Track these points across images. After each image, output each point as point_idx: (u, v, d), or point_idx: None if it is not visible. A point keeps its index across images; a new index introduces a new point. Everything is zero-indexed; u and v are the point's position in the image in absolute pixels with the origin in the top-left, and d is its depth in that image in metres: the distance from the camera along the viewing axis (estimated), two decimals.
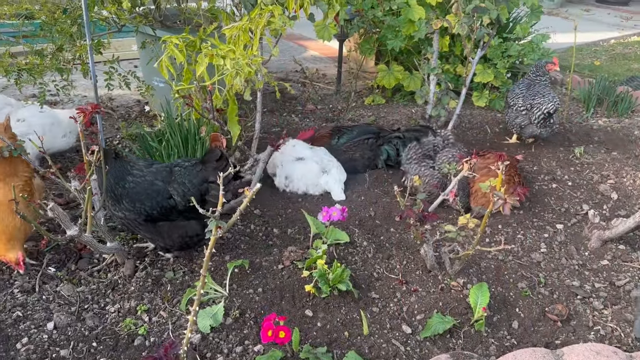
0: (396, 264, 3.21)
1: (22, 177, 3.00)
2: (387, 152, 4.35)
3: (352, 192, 3.98)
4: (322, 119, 5.37)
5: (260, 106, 3.87)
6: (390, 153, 4.33)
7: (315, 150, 4.10)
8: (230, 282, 2.96)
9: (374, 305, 2.89)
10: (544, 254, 3.40)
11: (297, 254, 3.20)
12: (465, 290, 3.01)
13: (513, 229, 3.64)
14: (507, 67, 5.54)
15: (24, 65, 3.46)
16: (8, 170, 2.94)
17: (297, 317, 2.76)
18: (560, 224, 3.73)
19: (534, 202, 3.96)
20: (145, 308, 2.80)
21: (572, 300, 3.04)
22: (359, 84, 6.31)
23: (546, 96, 4.52)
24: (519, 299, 3.01)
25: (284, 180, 3.95)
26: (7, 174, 2.93)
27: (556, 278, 3.21)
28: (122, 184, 2.88)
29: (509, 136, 4.99)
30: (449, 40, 5.40)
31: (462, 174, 2.85)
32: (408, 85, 5.63)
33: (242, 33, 3.55)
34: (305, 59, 7.46)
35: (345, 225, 3.49)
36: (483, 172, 3.74)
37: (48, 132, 3.79)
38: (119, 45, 6.32)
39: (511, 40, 5.68)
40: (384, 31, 5.28)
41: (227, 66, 3.18)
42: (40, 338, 2.58)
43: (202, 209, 2.09)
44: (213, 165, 2.99)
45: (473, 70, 4.52)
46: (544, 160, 4.59)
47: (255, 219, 3.62)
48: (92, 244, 2.68)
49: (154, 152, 3.70)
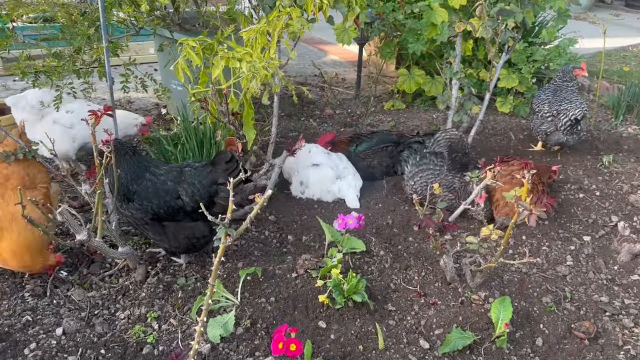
0: (414, 274, 3.10)
1: (41, 190, 2.96)
2: (406, 159, 4.23)
3: (369, 199, 3.88)
4: (341, 123, 5.28)
5: (277, 110, 3.79)
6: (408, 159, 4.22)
7: (331, 156, 4.01)
8: (242, 290, 2.88)
9: (390, 318, 2.78)
10: (570, 267, 3.25)
11: (312, 262, 3.10)
12: (487, 304, 2.88)
13: (538, 240, 3.49)
14: (533, 72, 5.38)
15: (41, 67, 3.44)
16: (28, 182, 2.90)
17: (310, 329, 2.67)
18: (588, 235, 3.57)
19: (560, 212, 3.80)
20: (156, 315, 2.73)
21: (600, 317, 2.88)
22: (379, 88, 6.21)
23: (573, 102, 4.36)
24: (543, 315, 2.87)
25: (300, 187, 3.87)
26: (27, 187, 2.90)
27: (583, 293, 3.05)
28: (139, 181, 2.84)
29: (533, 143, 4.83)
30: (472, 44, 5.26)
31: (485, 183, 2.73)
32: (429, 90, 5.51)
33: (260, 36, 3.48)
34: (325, 63, 7.39)
35: (362, 233, 3.39)
36: (506, 179, 3.61)
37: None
38: (139, 49, 6.34)
39: (537, 45, 5.52)
40: (405, 35, 5.18)
41: (243, 69, 3.12)
42: (48, 344, 2.54)
43: (210, 211, 2.01)
44: (223, 167, 2.93)
45: (497, 75, 4.38)
46: (571, 168, 4.42)
47: (269, 225, 3.54)
48: (102, 248, 2.63)
49: (170, 155, 3.66)
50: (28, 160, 2.90)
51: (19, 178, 2.85)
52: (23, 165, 2.90)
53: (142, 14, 3.93)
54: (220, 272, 3.07)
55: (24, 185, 2.88)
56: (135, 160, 2.87)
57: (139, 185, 2.85)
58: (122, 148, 2.84)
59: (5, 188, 2.83)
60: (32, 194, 2.90)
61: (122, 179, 2.83)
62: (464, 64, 5.51)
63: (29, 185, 2.91)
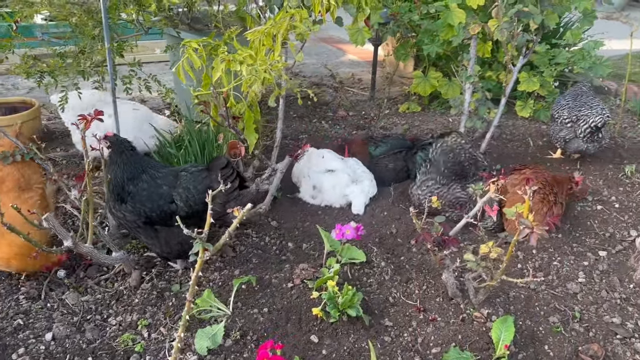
0: (415, 288, 2.98)
1: (37, 190, 2.95)
2: (420, 162, 4.11)
3: (374, 206, 3.76)
4: (353, 126, 5.17)
5: (282, 113, 3.72)
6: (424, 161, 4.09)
7: (347, 161, 3.90)
8: (236, 300, 2.81)
9: (386, 334, 2.67)
10: (581, 285, 3.09)
11: (309, 272, 3.02)
12: (489, 322, 2.74)
13: (549, 254, 3.32)
14: (555, 75, 5.17)
15: (46, 68, 3.44)
16: (23, 184, 2.90)
17: (302, 343, 2.58)
18: (604, 250, 3.39)
19: (575, 224, 3.62)
20: (146, 323, 2.69)
21: (611, 340, 2.72)
22: (396, 89, 6.08)
23: (594, 108, 4.16)
24: (549, 335, 2.72)
25: (312, 191, 3.77)
26: (23, 188, 2.89)
27: (594, 313, 2.89)
28: (135, 181, 2.80)
29: (552, 151, 4.64)
30: (491, 45, 5.09)
31: (489, 196, 2.59)
32: (446, 93, 5.35)
33: (265, 37, 3.41)
34: (342, 62, 7.28)
35: (363, 242, 3.29)
36: (517, 188, 3.45)
37: (138, 130, 3.86)
38: (145, 48, 6.32)
39: (560, 47, 5.30)
40: (421, 35, 5.03)
41: (243, 72, 3.04)
42: (37, 349, 2.52)
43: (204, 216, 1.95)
44: (218, 173, 2.87)
45: (514, 79, 4.21)
46: (590, 178, 4.21)
47: (270, 231, 3.47)
48: (92, 254, 2.60)
49: (172, 158, 3.62)
50: (23, 162, 2.89)
51: (14, 180, 2.85)
52: (18, 166, 2.89)
53: (150, 14, 3.89)
54: (215, 279, 3.01)
55: (19, 186, 2.88)
56: (134, 159, 2.83)
57: (135, 185, 2.81)
58: (120, 145, 2.80)
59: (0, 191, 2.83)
60: (28, 195, 2.90)
61: (119, 178, 2.79)
62: (483, 66, 5.33)
63: (24, 187, 2.91)
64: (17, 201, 2.81)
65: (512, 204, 3.35)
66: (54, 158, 4.28)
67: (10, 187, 2.78)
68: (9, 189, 2.78)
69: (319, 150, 3.96)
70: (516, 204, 2.25)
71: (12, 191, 2.84)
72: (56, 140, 4.64)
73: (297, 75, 6.67)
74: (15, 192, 2.87)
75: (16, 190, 2.88)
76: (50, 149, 4.46)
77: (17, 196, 2.84)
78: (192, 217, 2.85)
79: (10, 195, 2.79)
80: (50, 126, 4.86)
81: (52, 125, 4.90)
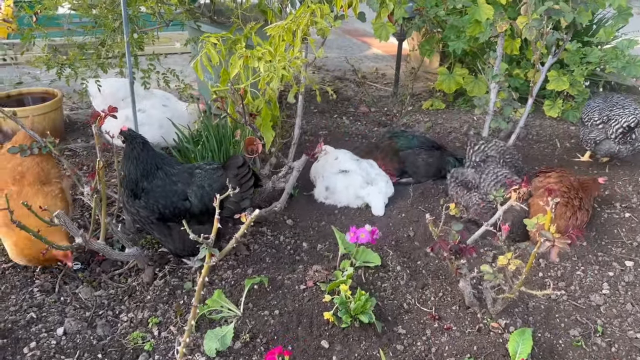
0: (431, 295, 2.91)
1: (57, 184, 2.96)
2: (453, 163, 4.03)
3: (392, 207, 3.69)
4: (375, 122, 5.08)
5: (300, 110, 3.65)
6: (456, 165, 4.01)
7: (361, 162, 3.83)
8: (247, 301, 2.78)
9: (398, 342, 2.61)
10: (605, 297, 2.96)
11: (322, 274, 2.96)
12: (507, 333, 2.65)
13: (572, 263, 3.21)
14: (586, 74, 4.97)
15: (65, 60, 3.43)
16: (43, 178, 2.91)
17: (312, 348, 2.54)
18: (630, 261, 3.25)
19: (601, 232, 3.49)
20: (157, 321, 2.68)
21: (634, 357, 2.60)
22: (420, 85, 5.95)
23: (627, 108, 3.98)
24: (569, 350, 2.62)
25: (324, 192, 3.72)
26: (43, 182, 2.90)
27: (617, 327, 2.77)
28: (150, 178, 2.78)
29: (580, 153, 4.47)
30: (520, 42, 4.92)
31: (510, 204, 2.49)
32: (471, 90, 5.22)
33: (285, 33, 3.35)
34: (366, 56, 7.17)
35: (379, 245, 3.22)
36: (539, 194, 3.33)
37: (166, 124, 3.89)
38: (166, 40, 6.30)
39: (592, 45, 5.09)
40: (447, 31, 4.89)
41: (261, 69, 2.99)
42: (48, 344, 2.53)
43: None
44: (234, 172, 2.83)
45: (542, 78, 4.06)
46: (619, 183, 4.05)
47: (286, 230, 3.42)
48: (105, 251, 2.59)
49: (189, 153, 3.59)
50: (42, 156, 2.89)
51: (34, 174, 2.86)
52: (37, 160, 2.90)
53: (172, 7, 3.86)
54: (228, 278, 2.99)
55: (39, 180, 2.89)
56: (147, 155, 2.80)
57: (150, 182, 2.78)
58: (134, 140, 2.77)
59: (22, 185, 2.84)
60: (49, 188, 2.90)
61: (132, 174, 2.77)
62: (511, 63, 5.17)
63: (44, 181, 2.92)
64: (39, 195, 2.83)
65: (536, 209, 3.25)
66: (75, 149, 4.31)
67: (31, 181, 2.79)
68: (30, 182, 2.79)
69: (334, 151, 3.88)
70: (537, 215, 2.14)
71: (33, 185, 2.85)
72: (78, 130, 4.67)
73: (320, 69, 6.59)
74: (37, 186, 2.88)
75: (37, 184, 2.89)
76: (71, 139, 4.49)
77: (38, 189, 2.85)
78: (206, 215, 2.83)
79: (32, 188, 2.80)
80: (72, 116, 4.90)
81: (75, 115, 4.93)
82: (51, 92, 4.49)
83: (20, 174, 2.86)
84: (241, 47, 3.09)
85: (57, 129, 4.32)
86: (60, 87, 4.85)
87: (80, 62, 3.45)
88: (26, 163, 2.87)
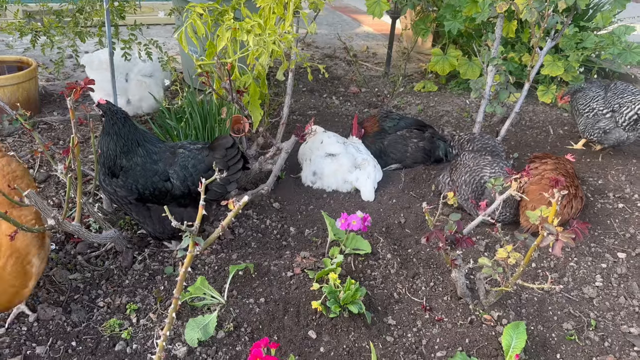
0: (422, 284, 2.81)
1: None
2: (444, 147, 3.93)
3: (382, 193, 3.57)
4: (365, 103, 4.93)
5: (290, 89, 3.49)
6: (447, 149, 3.91)
7: (348, 146, 3.69)
8: (231, 287, 2.66)
9: (388, 333, 2.51)
10: (598, 289, 2.90)
11: (310, 261, 2.85)
12: (500, 326, 2.58)
13: (565, 254, 3.14)
14: (581, 60, 4.87)
15: (40, 27, 3.20)
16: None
17: (299, 338, 2.43)
18: (623, 252, 3.19)
19: (595, 223, 3.42)
20: (136, 307, 2.54)
21: (627, 351, 2.55)
22: (413, 66, 5.81)
23: (637, 94, 3.89)
24: (561, 343, 2.55)
25: (312, 177, 3.59)
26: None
27: (610, 321, 2.71)
28: (129, 155, 2.60)
29: (574, 141, 4.39)
30: (516, 24, 4.78)
31: (509, 193, 2.39)
32: (465, 73, 5.09)
33: (276, 5, 3.17)
34: (358, 34, 6.97)
35: (369, 232, 3.10)
36: (535, 180, 3.24)
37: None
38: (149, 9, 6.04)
39: (589, 30, 4.99)
40: (442, 10, 4.74)
41: (250, 43, 2.81)
42: (18, 330, 2.38)
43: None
44: (222, 152, 2.68)
45: (540, 63, 3.93)
46: (612, 173, 3.99)
47: (272, 214, 3.29)
48: (80, 233, 2.43)
49: (172, 131, 3.41)
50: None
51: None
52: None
53: None
54: (211, 263, 2.85)
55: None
56: (128, 131, 2.61)
57: (129, 160, 2.61)
58: (114, 114, 2.58)
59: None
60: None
61: (111, 150, 2.59)
62: (506, 46, 5.05)
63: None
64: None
65: (531, 195, 3.16)
66: (51, 122, 4.09)
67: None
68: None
69: (320, 134, 3.73)
70: (540, 207, 2.04)
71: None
72: (54, 103, 4.44)
73: (309, 46, 6.39)
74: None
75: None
76: (47, 112, 4.27)
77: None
78: (189, 197, 2.68)
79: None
80: (49, 88, 4.66)
81: (51, 87, 4.69)
82: (25, 60, 4.25)
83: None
84: (229, 19, 2.90)
85: (32, 101, 4.09)
86: (35, 56, 4.60)
87: (56, 30, 3.22)
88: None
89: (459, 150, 3.74)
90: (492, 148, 3.60)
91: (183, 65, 4.60)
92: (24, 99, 3.89)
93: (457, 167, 3.46)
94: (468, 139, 3.74)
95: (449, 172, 3.52)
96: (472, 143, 3.67)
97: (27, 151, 3.66)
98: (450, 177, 3.46)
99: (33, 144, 3.74)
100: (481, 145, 3.63)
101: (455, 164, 3.50)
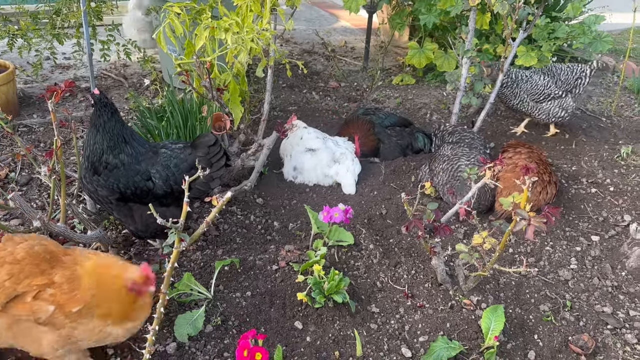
0: (403, 273, 2.89)
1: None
2: (422, 139, 4.01)
3: (364, 185, 3.64)
4: (345, 98, 4.99)
5: (270, 85, 3.53)
6: (425, 141, 4.00)
7: (327, 140, 3.75)
8: (217, 283, 2.70)
9: (372, 321, 2.59)
10: (573, 272, 3.02)
11: (295, 254, 2.91)
12: (479, 310, 2.67)
13: (541, 239, 3.25)
14: (553, 50, 4.99)
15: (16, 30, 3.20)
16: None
17: (285, 329, 2.49)
18: (596, 235, 3.31)
19: (569, 207, 3.54)
20: None
21: (601, 330, 2.66)
22: (390, 60, 5.88)
23: (572, 67, 4.22)
24: (539, 324, 2.66)
25: (293, 172, 3.65)
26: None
27: (585, 301, 2.83)
28: (116, 152, 2.58)
29: (547, 129, 4.51)
30: (490, 17, 4.89)
31: (484, 182, 2.47)
32: (441, 66, 5.18)
33: (253, 3, 3.20)
34: (336, 29, 7.03)
35: (352, 224, 3.17)
36: (509, 168, 3.35)
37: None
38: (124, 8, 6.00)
39: (560, 21, 5.11)
40: (417, 4, 4.82)
41: (229, 41, 2.85)
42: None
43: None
44: (205, 150, 2.71)
45: (512, 54, 4.03)
46: (585, 159, 4.11)
47: (256, 209, 3.34)
48: (66, 234, 2.45)
49: (153, 130, 3.44)
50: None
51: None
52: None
53: None
54: (197, 259, 2.90)
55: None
56: (117, 126, 2.57)
57: (115, 157, 2.58)
58: (104, 107, 2.53)
59: None
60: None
61: (98, 144, 2.54)
62: (480, 38, 5.14)
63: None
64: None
65: (506, 183, 3.27)
66: (30, 125, 4.08)
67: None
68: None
69: (300, 130, 3.78)
70: (513, 194, 2.13)
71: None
72: (33, 105, 4.41)
73: (288, 42, 6.42)
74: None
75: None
76: (26, 115, 4.25)
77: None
78: (171, 196, 2.71)
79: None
80: (27, 90, 4.62)
81: (29, 89, 4.65)
82: (2, 64, 4.22)
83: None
84: (207, 18, 2.94)
85: (11, 104, 4.07)
86: (12, 59, 4.56)
87: (33, 33, 3.21)
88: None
89: (440, 142, 3.85)
90: (470, 140, 3.70)
91: (162, 64, 4.61)
92: (3, 102, 3.88)
93: (436, 157, 3.56)
94: (450, 131, 3.84)
95: (428, 163, 3.62)
96: (453, 136, 3.78)
97: (8, 154, 3.65)
98: (429, 166, 3.56)
99: (14, 147, 3.73)
100: (459, 138, 3.73)
101: (435, 155, 3.61)
